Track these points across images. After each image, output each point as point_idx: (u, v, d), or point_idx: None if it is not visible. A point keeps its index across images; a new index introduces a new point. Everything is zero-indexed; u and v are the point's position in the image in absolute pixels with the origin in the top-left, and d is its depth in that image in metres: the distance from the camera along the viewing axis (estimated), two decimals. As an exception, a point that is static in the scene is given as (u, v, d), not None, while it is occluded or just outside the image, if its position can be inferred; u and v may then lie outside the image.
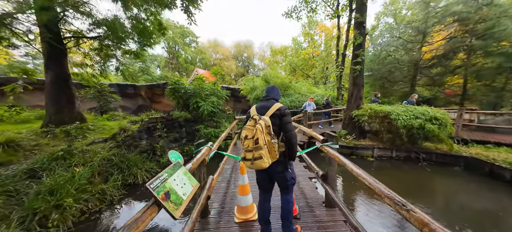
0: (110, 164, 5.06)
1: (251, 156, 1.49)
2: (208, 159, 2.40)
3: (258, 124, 1.49)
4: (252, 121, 1.57)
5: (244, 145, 1.55)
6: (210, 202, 2.89)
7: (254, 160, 1.48)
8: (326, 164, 2.53)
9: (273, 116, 1.60)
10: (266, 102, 1.75)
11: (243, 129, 1.61)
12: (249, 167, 1.58)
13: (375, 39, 13.05)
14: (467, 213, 3.79)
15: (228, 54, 39.80)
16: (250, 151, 1.50)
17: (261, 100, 1.82)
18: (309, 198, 2.89)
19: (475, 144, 6.07)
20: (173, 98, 7.37)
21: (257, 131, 1.47)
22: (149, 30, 5.97)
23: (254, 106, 1.75)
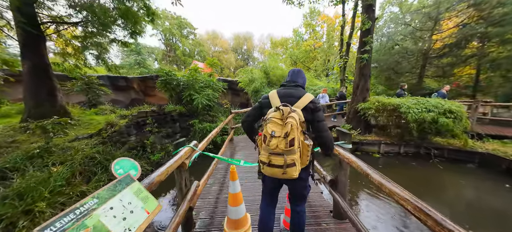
0: (93, 162, 4.62)
1: (282, 162, 1.07)
2: (189, 163, 1.93)
3: (291, 118, 1.08)
4: (278, 112, 1.13)
5: (270, 145, 1.09)
6: (197, 210, 2.46)
7: (287, 167, 1.07)
8: (323, 160, 2.07)
9: (305, 110, 1.20)
10: (293, 89, 1.32)
11: (267, 123, 1.14)
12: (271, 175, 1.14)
13: (380, 29, 12.33)
14: (486, 213, 3.38)
15: (227, 47, 38.79)
16: (280, 154, 1.08)
17: (285, 85, 1.39)
18: (313, 205, 2.44)
19: (491, 139, 5.61)
20: (165, 91, 6.86)
21: (292, 128, 1.06)
22: (133, 12, 5.35)
23: (275, 92, 1.34)
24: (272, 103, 1.27)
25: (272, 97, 1.31)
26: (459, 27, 8.08)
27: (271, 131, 1.09)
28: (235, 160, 2.07)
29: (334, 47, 21.45)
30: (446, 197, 4.04)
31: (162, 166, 1.44)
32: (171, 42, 29.89)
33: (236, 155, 4.67)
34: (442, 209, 3.53)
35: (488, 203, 3.72)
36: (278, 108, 1.14)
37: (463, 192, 4.26)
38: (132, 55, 19.41)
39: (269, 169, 1.12)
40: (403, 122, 5.80)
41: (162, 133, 6.53)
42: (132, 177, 1.02)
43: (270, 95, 1.33)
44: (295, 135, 1.05)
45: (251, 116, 1.44)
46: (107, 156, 4.91)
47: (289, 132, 1.05)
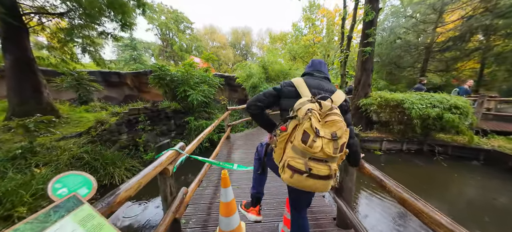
0: (81, 163, 4.36)
1: (328, 172, 0.80)
2: (174, 168, 1.68)
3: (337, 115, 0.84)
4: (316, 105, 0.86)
5: (314, 148, 0.78)
6: (187, 218, 2.23)
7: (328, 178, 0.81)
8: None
9: (340, 107, 0.97)
10: (323, 81, 1.09)
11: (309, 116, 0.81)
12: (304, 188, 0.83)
13: (381, 24, 11.99)
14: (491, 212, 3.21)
15: (225, 42, 38.09)
16: (324, 161, 0.80)
17: (312, 75, 1.14)
18: (315, 212, 2.22)
19: (496, 135, 5.42)
20: (158, 87, 6.54)
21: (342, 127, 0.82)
22: (121, 2, 4.99)
23: (302, 80, 1.07)
24: (301, 93, 0.99)
25: (300, 85, 1.02)
26: (464, 19, 7.81)
27: (315, 128, 0.79)
28: (228, 164, 1.82)
29: (334, 42, 21.09)
30: (449, 195, 3.87)
31: (135, 176, 1.19)
32: (168, 37, 29.23)
33: (233, 154, 4.44)
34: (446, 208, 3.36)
35: (493, 202, 3.55)
36: (317, 101, 0.87)
37: (467, 190, 4.09)
38: (128, 50, 18.91)
39: (305, 180, 0.80)
40: (406, 119, 5.59)
41: (156, 131, 6.26)
42: (78, 198, 0.76)
43: (297, 82, 1.05)
44: (346, 138, 0.81)
45: (262, 102, 1.14)
46: (96, 156, 4.66)
47: (341, 135, 0.80)
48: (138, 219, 3.51)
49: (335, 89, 1.05)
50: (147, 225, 3.39)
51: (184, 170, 5.04)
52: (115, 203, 0.93)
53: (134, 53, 19.07)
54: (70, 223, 0.70)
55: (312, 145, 0.78)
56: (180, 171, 4.38)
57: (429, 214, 0.74)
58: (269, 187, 2.78)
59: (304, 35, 24.41)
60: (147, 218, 3.53)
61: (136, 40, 19.99)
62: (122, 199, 0.98)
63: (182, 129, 6.99)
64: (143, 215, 3.61)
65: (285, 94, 1.06)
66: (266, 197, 2.53)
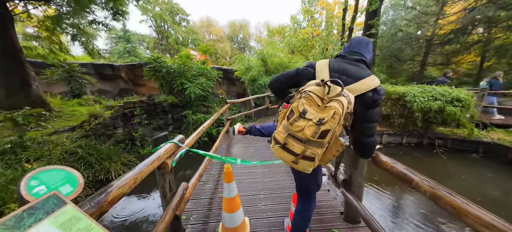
0: (74, 158, 4.20)
1: (300, 151, 0.83)
2: (173, 162, 1.55)
3: (337, 102, 0.78)
4: (322, 88, 0.83)
5: (294, 126, 0.83)
6: (187, 214, 2.13)
7: (303, 159, 0.83)
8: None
9: (360, 98, 0.88)
10: (352, 64, 0.97)
11: (302, 97, 0.84)
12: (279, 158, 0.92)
13: (381, 17, 11.76)
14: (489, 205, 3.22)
15: (222, 35, 37.29)
16: (302, 141, 0.82)
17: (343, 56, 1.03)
18: (321, 206, 2.15)
19: (495, 128, 5.44)
20: (154, 79, 6.31)
21: (334, 116, 0.76)
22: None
23: (327, 62, 1.00)
24: (318, 76, 0.96)
25: (320, 68, 0.98)
26: (466, 11, 7.70)
27: (303, 109, 0.82)
28: (230, 159, 1.71)
29: (332, 35, 20.80)
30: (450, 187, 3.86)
31: (130, 170, 1.07)
32: (163, 29, 28.38)
33: (232, 148, 4.33)
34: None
35: (491, 194, 3.57)
36: (325, 83, 0.82)
37: (465, 182, 4.09)
38: (121, 42, 18.29)
39: (280, 151, 0.88)
40: (407, 112, 5.55)
41: (153, 125, 6.08)
42: (60, 197, 0.63)
43: (318, 64, 1.00)
44: (333, 126, 0.77)
45: (280, 84, 1.14)
46: (91, 150, 4.49)
47: (327, 121, 0.76)
48: (135, 217, 3.41)
49: (366, 75, 0.91)
50: (145, 222, 3.30)
51: (181, 165, 4.93)
52: (106, 202, 0.80)
53: (128, 45, 18.45)
54: (49, 229, 0.57)
55: (293, 123, 0.83)
56: (177, 166, 4.28)
57: (473, 213, 0.63)
58: (275, 183, 2.70)
59: (303, 28, 24.02)
60: (144, 215, 3.43)
61: (130, 32, 19.32)
62: (115, 197, 0.86)
63: (180, 123, 6.83)
64: (140, 213, 3.50)
65: (304, 75, 1.03)
66: (272, 192, 2.45)
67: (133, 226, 3.21)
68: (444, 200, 0.74)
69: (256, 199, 2.33)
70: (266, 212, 2.08)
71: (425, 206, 3.19)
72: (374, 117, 0.95)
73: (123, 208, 3.59)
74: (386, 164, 1.13)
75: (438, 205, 0.78)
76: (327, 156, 0.89)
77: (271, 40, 20.31)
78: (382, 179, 3.97)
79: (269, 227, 1.86)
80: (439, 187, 0.80)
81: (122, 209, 3.55)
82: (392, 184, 3.83)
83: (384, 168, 1.15)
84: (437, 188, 0.80)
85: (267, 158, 3.64)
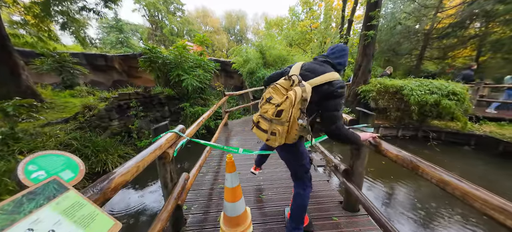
0: (69, 150, 4.10)
1: (267, 128, 1.12)
2: (175, 152, 1.52)
3: (293, 91, 1.03)
4: (287, 81, 1.10)
5: (262, 109, 1.16)
6: (188, 204, 2.13)
7: (271, 135, 1.11)
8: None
9: (317, 89, 1.09)
10: (319, 64, 1.21)
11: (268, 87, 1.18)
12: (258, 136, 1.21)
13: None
14: None
15: (219, 26, 36.39)
16: (268, 120, 1.12)
17: (316, 59, 1.30)
18: (320, 196, 2.18)
19: (488, 122, 5.60)
20: (150, 71, 6.13)
21: (286, 100, 1.03)
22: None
23: (300, 63, 1.26)
24: (291, 73, 1.20)
25: (294, 67, 1.25)
26: (465, 4, 7.69)
27: (268, 96, 1.13)
28: (232, 148, 1.68)
29: (331, 28, 20.59)
30: None
31: (132, 158, 1.04)
32: (157, 19, 27.46)
33: (231, 140, 4.32)
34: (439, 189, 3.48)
35: (480, 184, 3.71)
36: (289, 77, 1.10)
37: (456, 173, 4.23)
38: (113, 32, 17.61)
39: (256, 130, 1.20)
40: (404, 105, 5.62)
41: (150, 117, 5.98)
42: (61, 182, 0.60)
43: (295, 65, 1.27)
44: (287, 107, 1.02)
45: (272, 78, 1.38)
46: (86, 142, 4.40)
47: (282, 103, 1.03)
48: (135, 208, 3.40)
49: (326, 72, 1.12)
50: (145, 213, 3.30)
51: (180, 157, 4.91)
52: (109, 189, 0.77)
53: (120, 35, 17.78)
54: (51, 214, 0.54)
55: (261, 106, 1.15)
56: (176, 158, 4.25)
57: (481, 197, 0.64)
58: (276, 173, 2.72)
59: (301, 20, 23.65)
60: (142, 208, 3.42)
61: (122, 21, 18.58)
62: (118, 184, 0.83)
63: (177, 115, 6.74)
64: (138, 206, 3.49)
65: (285, 73, 1.28)
66: (273, 183, 2.47)
67: (132, 218, 3.20)
68: (452, 185, 0.74)
69: (257, 189, 2.34)
70: (267, 202, 2.10)
71: (417, 196, 3.29)
72: (334, 107, 1.09)
73: (120, 200, 3.57)
74: (390, 153, 1.13)
75: (445, 190, 0.78)
76: (291, 135, 1.11)
77: (269, 32, 19.97)
78: (377, 171, 4.07)
79: (270, 216, 1.88)
80: (447, 173, 0.81)
81: (119, 202, 3.53)
82: (386, 176, 3.92)
83: (389, 157, 1.15)
84: (445, 174, 0.81)
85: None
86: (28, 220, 0.51)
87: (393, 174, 3.92)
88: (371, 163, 4.25)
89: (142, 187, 3.96)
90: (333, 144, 5.52)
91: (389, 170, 4.01)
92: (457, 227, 2.67)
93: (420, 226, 2.72)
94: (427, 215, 2.89)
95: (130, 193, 3.81)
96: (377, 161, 4.28)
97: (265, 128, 1.11)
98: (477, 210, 0.66)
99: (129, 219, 3.15)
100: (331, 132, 1.14)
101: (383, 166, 4.15)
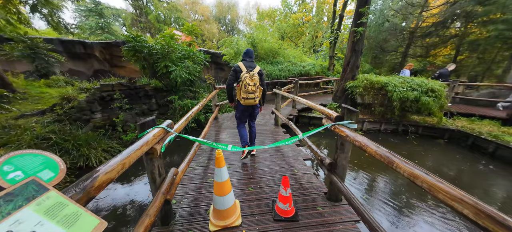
0: (47, 144, 3.87)
1: (254, 96, 2.43)
2: (163, 148, 1.50)
3: (255, 76, 2.40)
4: (249, 74, 2.38)
5: (249, 89, 2.37)
6: (178, 198, 2.13)
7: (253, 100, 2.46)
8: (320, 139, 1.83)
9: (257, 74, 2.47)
10: (251, 62, 2.53)
11: (245, 79, 2.37)
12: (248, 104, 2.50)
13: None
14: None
15: (209, 15, 34.98)
16: (253, 92, 2.41)
17: (246, 60, 2.54)
18: (306, 187, 2.29)
19: (460, 117, 6.09)
20: (134, 61, 5.81)
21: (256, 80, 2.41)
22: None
23: (242, 63, 2.46)
24: (243, 70, 2.41)
25: (241, 66, 2.43)
26: (448, 4, 8.07)
27: (248, 82, 2.35)
28: (221, 145, 1.70)
29: (323, 22, 20.68)
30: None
31: (118, 154, 1.01)
32: (141, 4, 25.71)
33: (222, 134, 4.31)
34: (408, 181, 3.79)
35: (448, 174, 4.10)
36: (248, 72, 2.38)
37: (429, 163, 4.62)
38: (92, 16, 16.26)
39: (247, 100, 2.43)
40: (387, 101, 5.91)
41: (136, 110, 5.74)
42: (40, 183, 0.59)
43: (240, 65, 2.44)
44: (257, 83, 2.39)
45: (231, 80, 2.50)
46: (66, 136, 4.16)
47: (257, 82, 2.39)
48: (123, 202, 3.34)
49: (255, 66, 2.50)
50: (134, 207, 3.25)
51: (168, 151, 4.82)
52: (92, 188, 0.76)
53: (101, 20, 16.48)
54: (32, 215, 0.53)
55: (248, 88, 2.34)
56: (165, 152, 4.16)
57: (444, 189, 0.72)
58: (264, 167, 2.79)
59: (294, 12, 23.44)
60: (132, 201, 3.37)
61: (102, 4, 17.18)
62: (102, 182, 0.81)
63: (165, 109, 6.54)
64: (126, 201, 3.43)
65: (238, 71, 2.43)
66: (261, 177, 2.53)
67: (119, 213, 3.15)
68: (421, 178, 0.82)
69: (245, 183, 2.40)
70: (256, 195, 2.17)
71: (394, 186, 3.57)
72: (263, 82, 2.56)
73: (107, 195, 3.48)
74: (370, 149, 1.21)
75: (415, 183, 0.86)
76: (259, 97, 2.53)
77: (261, 24, 19.61)
78: (360, 163, 4.31)
79: (258, 208, 1.95)
80: (416, 167, 0.89)
81: (105, 197, 3.44)
82: (368, 167, 4.18)
83: (369, 152, 1.23)
84: (415, 168, 0.89)
85: (261, 143, 3.71)
86: (7, 222, 0.49)
87: (375, 165, 4.19)
88: (356, 157, 4.49)
89: (131, 179, 3.88)
90: (321, 138, 5.72)
91: (373, 163, 4.27)
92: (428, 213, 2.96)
93: (395, 212, 2.98)
94: (402, 204, 3.15)
95: (117, 186, 3.72)
96: (361, 155, 4.53)
97: (253, 97, 2.41)
98: (441, 201, 0.74)
99: (115, 214, 3.09)
100: (264, 91, 2.64)
101: (366, 158, 4.41)
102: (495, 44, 6.93)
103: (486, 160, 4.53)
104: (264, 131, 4.44)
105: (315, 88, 10.28)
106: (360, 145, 1.33)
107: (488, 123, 5.49)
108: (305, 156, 3.12)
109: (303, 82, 8.07)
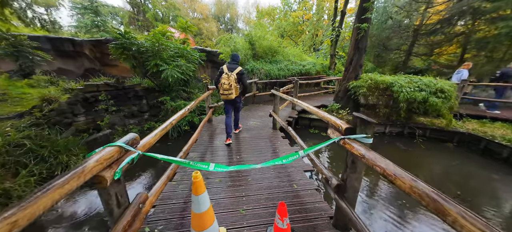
0: (20, 150, 3.49)
1: (228, 93, 3.11)
2: (118, 173, 1.13)
3: (232, 76, 3.09)
4: (226, 74, 3.10)
5: (224, 86, 3.09)
6: (151, 225, 1.77)
7: (230, 94, 3.12)
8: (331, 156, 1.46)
9: (238, 74, 3.17)
10: (233, 65, 3.23)
11: (222, 78, 3.13)
12: (226, 98, 3.22)
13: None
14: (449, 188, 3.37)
15: (208, 13, 34.50)
16: (228, 89, 3.09)
17: (230, 62, 3.27)
18: (308, 209, 1.92)
19: (470, 119, 5.73)
20: (123, 59, 5.42)
21: (231, 79, 3.08)
22: None
23: (226, 65, 3.21)
24: (224, 70, 3.15)
25: (224, 68, 3.18)
26: (454, 1, 7.70)
27: (224, 81, 3.10)
28: (201, 164, 1.31)
29: (323, 20, 20.28)
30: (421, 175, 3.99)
31: (30, 195, 0.65)
32: (139, 2, 25.24)
33: (215, 139, 3.94)
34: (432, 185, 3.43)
35: (467, 182, 3.75)
36: (227, 73, 3.11)
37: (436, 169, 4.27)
38: (88, 14, 15.81)
39: (224, 96, 3.17)
40: (392, 102, 5.56)
41: (124, 111, 5.36)
42: None
43: (224, 67, 3.19)
44: (232, 82, 3.08)
45: (216, 79, 3.30)
46: (43, 142, 3.78)
47: (230, 82, 3.08)
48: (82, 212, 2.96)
49: (236, 67, 3.19)
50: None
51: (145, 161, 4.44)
52: None
53: (96, 18, 16.02)
54: None
55: (223, 86, 3.13)
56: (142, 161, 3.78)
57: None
58: (261, 183, 2.42)
59: (294, 11, 23.03)
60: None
61: (98, 2, 16.71)
62: None
63: (157, 110, 6.16)
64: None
65: (221, 72, 3.20)
66: (254, 193, 2.17)
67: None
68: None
69: (237, 202, 2.04)
70: (248, 219, 1.80)
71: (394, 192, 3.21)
72: (245, 78, 3.27)
73: (86, 203, 3.11)
74: (401, 183, 0.84)
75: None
76: (236, 92, 3.21)
77: (260, 22, 19.24)
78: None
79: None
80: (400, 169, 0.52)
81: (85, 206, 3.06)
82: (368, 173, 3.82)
83: (398, 187, 0.87)
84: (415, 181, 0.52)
85: (257, 150, 3.34)
86: None
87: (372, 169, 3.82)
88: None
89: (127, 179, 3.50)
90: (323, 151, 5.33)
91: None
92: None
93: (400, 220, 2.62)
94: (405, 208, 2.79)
95: (96, 194, 3.35)
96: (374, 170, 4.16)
97: (228, 93, 3.10)
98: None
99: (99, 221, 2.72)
100: (245, 88, 3.33)
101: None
102: (505, 42, 6.56)
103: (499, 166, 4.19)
104: (260, 136, 4.07)
105: (315, 88, 9.91)
106: (385, 173, 0.96)
107: (501, 126, 5.13)
108: (306, 167, 2.76)
109: (303, 81, 7.71)
